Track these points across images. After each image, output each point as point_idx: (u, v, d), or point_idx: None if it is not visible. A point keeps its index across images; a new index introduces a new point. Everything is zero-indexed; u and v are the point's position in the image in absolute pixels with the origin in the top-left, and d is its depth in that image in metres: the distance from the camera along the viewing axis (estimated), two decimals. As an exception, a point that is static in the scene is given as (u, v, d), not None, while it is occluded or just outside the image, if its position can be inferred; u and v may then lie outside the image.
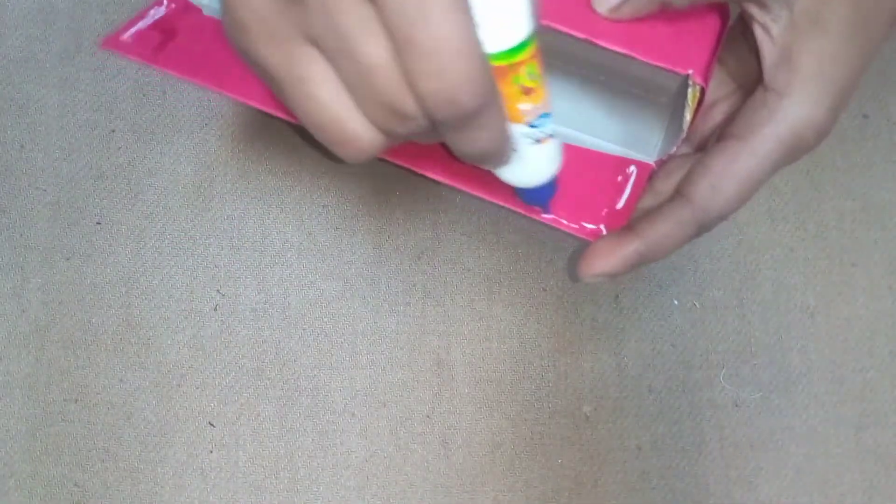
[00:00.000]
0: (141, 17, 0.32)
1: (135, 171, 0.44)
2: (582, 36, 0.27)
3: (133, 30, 0.31)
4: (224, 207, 0.44)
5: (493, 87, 0.19)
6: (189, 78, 0.29)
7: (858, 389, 0.41)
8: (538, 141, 0.24)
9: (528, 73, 0.20)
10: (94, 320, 0.42)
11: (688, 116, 0.29)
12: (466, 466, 0.40)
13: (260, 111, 0.29)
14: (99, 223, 0.44)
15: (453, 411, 0.41)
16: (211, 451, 0.41)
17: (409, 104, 0.19)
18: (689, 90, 0.28)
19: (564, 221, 0.29)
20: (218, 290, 0.43)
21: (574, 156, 0.32)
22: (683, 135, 0.31)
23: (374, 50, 0.18)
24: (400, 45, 0.18)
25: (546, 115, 0.23)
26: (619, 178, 0.31)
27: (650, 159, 0.32)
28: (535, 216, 0.30)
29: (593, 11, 0.28)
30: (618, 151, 0.33)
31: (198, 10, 0.33)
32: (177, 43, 0.31)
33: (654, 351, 0.41)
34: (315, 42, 0.19)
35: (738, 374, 0.41)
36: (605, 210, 0.30)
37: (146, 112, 0.45)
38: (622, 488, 0.40)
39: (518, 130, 0.22)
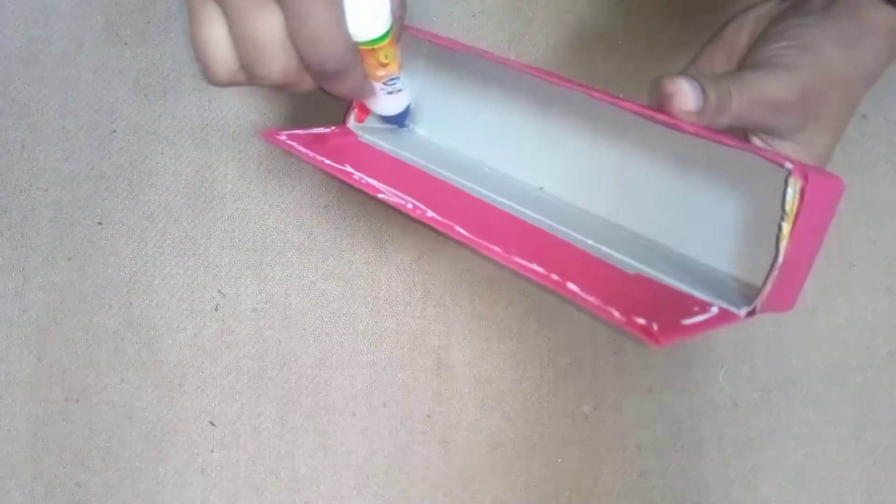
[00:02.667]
0: (304, 127, 0.37)
1: (136, 171, 0.44)
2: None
3: (293, 131, 0.36)
4: (225, 208, 0.44)
5: (351, 60, 0.29)
6: (322, 160, 0.34)
7: (857, 389, 0.41)
8: (390, 93, 0.34)
9: (385, 54, 0.31)
10: (95, 320, 0.42)
11: (785, 229, 0.27)
12: (466, 466, 0.40)
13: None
14: (100, 223, 0.44)
15: (453, 411, 0.41)
16: (212, 451, 0.41)
17: (274, 64, 0.28)
18: (789, 191, 0.27)
19: (615, 314, 0.26)
20: (219, 290, 0.43)
21: (652, 286, 0.31)
22: (776, 273, 0.28)
23: (263, 20, 0.27)
24: (291, 26, 0.27)
25: (395, 77, 0.33)
26: (695, 308, 0.29)
27: (739, 310, 0.29)
28: (589, 307, 0.27)
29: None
30: (702, 296, 0.30)
31: (355, 136, 0.38)
32: (324, 145, 0.36)
33: (654, 351, 0.42)
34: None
35: (737, 373, 0.41)
36: (666, 317, 0.27)
37: (147, 113, 0.45)
38: (622, 487, 0.40)
39: (378, 85, 0.33)
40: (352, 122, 0.38)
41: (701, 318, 0.28)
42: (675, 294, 0.30)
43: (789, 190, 0.27)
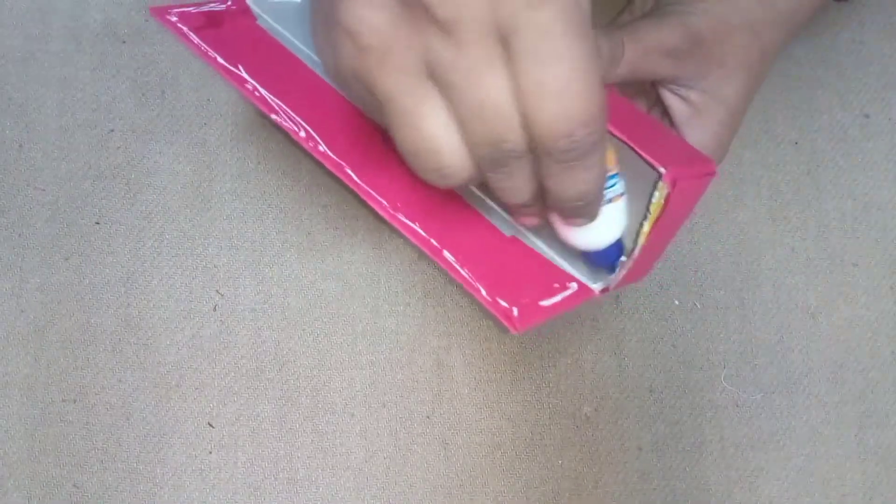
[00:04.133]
0: (197, 4, 0.33)
1: (134, 170, 0.44)
2: None
3: (184, 9, 0.32)
4: (223, 207, 0.44)
5: (604, 128, 0.22)
6: (214, 56, 0.30)
7: (860, 390, 0.41)
8: (609, 200, 0.28)
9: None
10: (92, 320, 0.42)
11: (645, 227, 0.28)
12: (466, 467, 0.40)
13: (260, 112, 0.30)
14: (98, 223, 0.43)
15: (453, 412, 0.41)
16: (210, 452, 0.41)
17: (517, 138, 0.21)
18: (656, 193, 0.27)
19: (483, 291, 0.28)
20: (217, 290, 0.43)
21: (522, 252, 0.32)
22: (631, 263, 0.29)
23: (495, 84, 0.20)
24: (527, 84, 0.20)
25: (615, 175, 0.28)
26: (556, 286, 0.30)
27: (595, 284, 0.31)
28: (461, 282, 0.29)
29: None
30: (566, 267, 0.32)
31: (252, 17, 0.34)
32: (218, 31, 0.32)
33: (655, 351, 0.41)
34: (433, 72, 0.21)
35: (739, 374, 0.41)
36: (527, 299, 0.28)
37: (145, 112, 0.45)
38: (623, 489, 0.40)
39: None
40: None
41: (558, 297, 0.29)
42: (542, 265, 0.31)
43: (656, 193, 0.27)
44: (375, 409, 0.41)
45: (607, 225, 0.29)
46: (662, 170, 0.27)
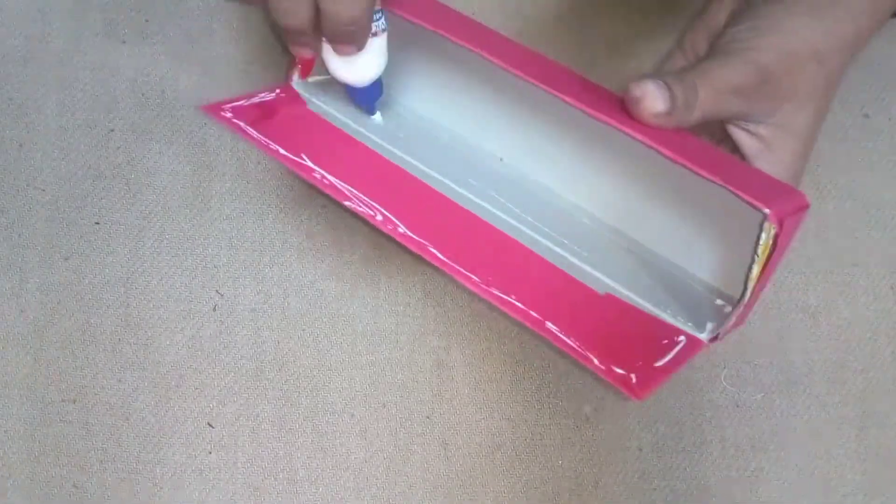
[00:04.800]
0: (248, 96, 0.34)
1: (133, 170, 0.44)
2: (671, 155, 0.28)
3: (236, 103, 0.33)
4: (223, 207, 0.43)
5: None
6: (276, 149, 0.32)
7: (860, 390, 0.41)
8: (374, 34, 0.31)
9: None
10: (92, 320, 0.42)
11: (755, 271, 0.27)
12: (466, 468, 0.40)
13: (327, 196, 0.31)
14: (97, 223, 0.43)
15: (453, 412, 0.41)
16: (210, 452, 0.41)
17: None
18: (763, 236, 0.26)
19: (595, 360, 0.28)
20: (217, 291, 0.42)
21: (621, 310, 0.31)
22: (742, 308, 0.28)
23: None
24: None
25: (379, 10, 0.30)
26: (665, 342, 0.30)
27: (702, 334, 0.30)
28: (569, 352, 0.28)
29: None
30: (668, 319, 0.31)
31: (303, 103, 0.36)
32: (273, 122, 0.33)
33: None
34: None
35: (739, 374, 0.41)
36: (641, 362, 0.28)
37: (145, 112, 0.45)
38: (623, 489, 0.40)
39: None
40: (295, 80, 0.36)
41: (671, 354, 0.29)
42: (645, 321, 0.31)
43: (763, 235, 0.27)
44: (375, 409, 0.41)
45: (373, 57, 0.32)
46: (767, 210, 0.26)
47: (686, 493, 0.40)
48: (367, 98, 0.36)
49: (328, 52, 0.32)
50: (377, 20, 0.32)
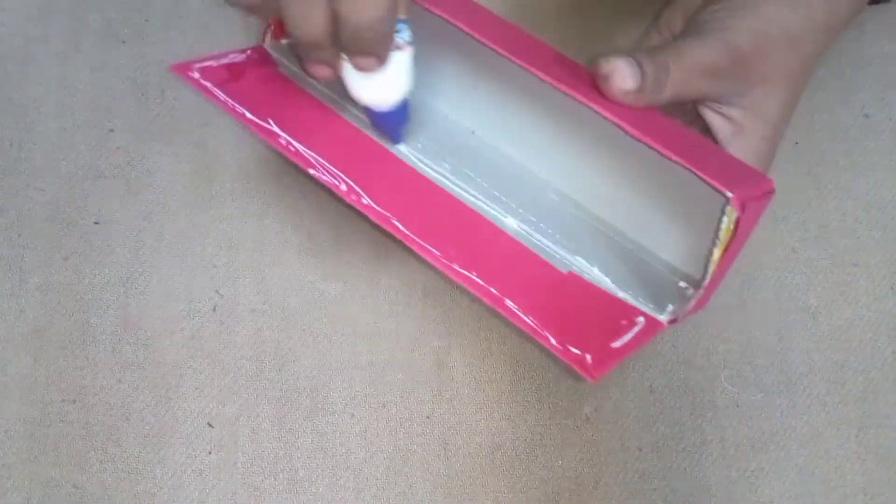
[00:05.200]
0: (217, 56, 0.33)
1: (133, 170, 0.44)
2: (633, 131, 0.27)
3: (205, 63, 0.32)
4: (223, 207, 0.43)
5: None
6: (243, 112, 0.30)
7: (860, 390, 0.41)
8: (398, 47, 0.28)
9: None
10: (92, 320, 0.42)
11: (716, 255, 0.27)
12: (466, 468, 0.40)
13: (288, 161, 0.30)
14: (97, 223, 0.43)
15: (453, 412, 0.41)
16: (210, 452, 0.41)
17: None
18: (724, 219, 0.26)
19: (552, 340, 0.28)
20: (217, 291, 0.42)
21: (583, 289, 0.31)
22: (702, 291, 0.28)
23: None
24: None
25: (403, 20, 0.28)
26: (624, 322, 0.30)
27: (661, 316, 0.30)
28: (527, 330, 0.28)
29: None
30: (629, 300, 0.31)
31: (273, 65, 0.35)
32: (241, 84, 0.32)
33: (655, 351, 0.41)
34: None
35: (739, 374, 0.41)
36: (598, 342, 0.28)
37: (145, 112, 0.45)
38: (623, 489, 0.40)
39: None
40: (268, 41, 0.35)
41: (629, 335, 0.29)
42: (606, 300, 0.31)
43: (725, 219, 0.26)
44: (375, 409, 0.41)
45: (396, 74, 0.29)
46: (729, 194, 0.26)
47: (686, 493, 0.40)
48: (392, 124, 0.33)
49: (347, 71, 0.30)
50: (400, 31, 0.29)
